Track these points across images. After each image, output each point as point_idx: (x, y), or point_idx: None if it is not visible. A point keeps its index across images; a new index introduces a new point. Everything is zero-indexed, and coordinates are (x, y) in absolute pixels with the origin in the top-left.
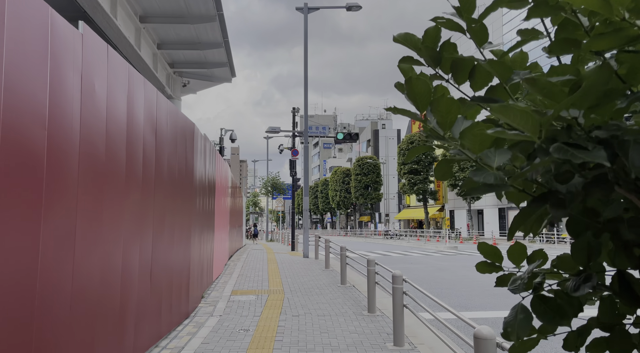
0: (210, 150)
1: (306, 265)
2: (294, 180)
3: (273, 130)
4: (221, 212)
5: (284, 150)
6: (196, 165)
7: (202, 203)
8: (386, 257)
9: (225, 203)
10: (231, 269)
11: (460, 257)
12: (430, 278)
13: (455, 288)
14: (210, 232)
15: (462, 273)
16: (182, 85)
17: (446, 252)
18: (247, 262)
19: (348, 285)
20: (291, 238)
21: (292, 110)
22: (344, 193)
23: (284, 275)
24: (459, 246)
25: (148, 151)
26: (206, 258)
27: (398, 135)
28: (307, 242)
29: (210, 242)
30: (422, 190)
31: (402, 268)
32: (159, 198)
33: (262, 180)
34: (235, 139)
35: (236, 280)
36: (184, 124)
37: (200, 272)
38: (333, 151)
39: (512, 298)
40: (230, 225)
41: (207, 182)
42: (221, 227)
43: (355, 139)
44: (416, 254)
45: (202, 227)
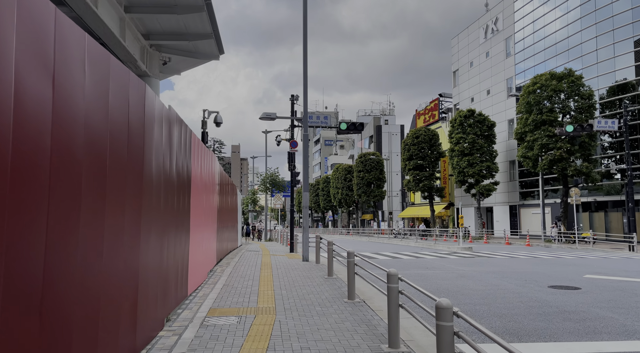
0: (185, 138)
1: (305, 270)
2: (293, 175)
3: (268, 116)
4: (204, 210)
5: (281, 141)
6: (154, 155)
7: (168, 200)
8: (396, 261)
9: (212, 201)
10: (217, 276)
11: (480, 261)
12: (454, 288)
13: (491, 304)
14: (183, 234)
15: (490, 281)
16: (163, 63)
17: (461, 254)
18: (237, 267)
19: (357, 300)
20: (290, 239)
21: (291, 98)
22: (345, 190)
23: (279, 286)
24: (473, 246)
25: None
26: (175, 268)
27: (401, 131)
28: (306, 244)
29: (182, 246)
30: (428, 186)
31: (418, 275)
32: (69, 189)
33: (260, 176)
34: (221, 122)
35: (219, 293)
36: (136, 100)
37: (163, 286)
38: (335, 148)
39: (572, 322)
40: (220, 225)
41: (176, 176)
42: (203, 228)
43: (360, 129)
44: (429, 257)
45: (167, 228)
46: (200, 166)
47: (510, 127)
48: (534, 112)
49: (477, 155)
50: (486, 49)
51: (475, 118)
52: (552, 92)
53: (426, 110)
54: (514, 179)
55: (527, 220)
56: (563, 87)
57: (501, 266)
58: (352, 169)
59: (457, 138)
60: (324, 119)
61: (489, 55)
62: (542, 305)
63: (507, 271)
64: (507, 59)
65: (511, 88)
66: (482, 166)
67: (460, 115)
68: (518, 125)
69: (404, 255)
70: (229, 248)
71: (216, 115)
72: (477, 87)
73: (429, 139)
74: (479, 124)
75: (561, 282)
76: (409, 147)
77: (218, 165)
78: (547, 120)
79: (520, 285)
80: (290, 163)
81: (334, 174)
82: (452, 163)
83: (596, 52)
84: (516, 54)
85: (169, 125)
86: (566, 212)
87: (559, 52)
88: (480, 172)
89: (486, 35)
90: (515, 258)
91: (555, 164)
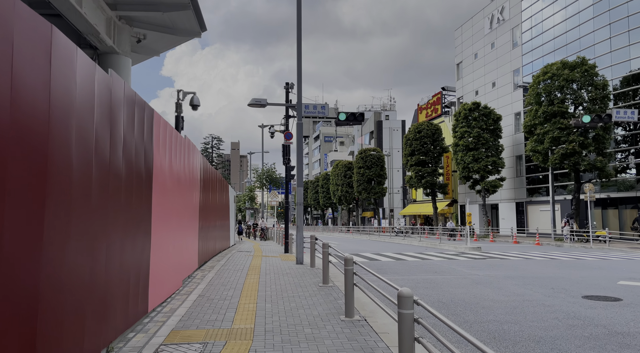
0: (142, 121)
1: (298, 276)
2: (288, 169)
3: (258, 102)
4: (177, 208)
5: (275, 133)
6: (79, 137)
7: (110, 196)
8: (401, 263)
9: (192, 198)
10: (194, 284)
11: (493, 263)
12: (471, 299)
13: (522, 323)
14: (139, 237)
15: (511, 290)
16: (137, 41)
17: (471, 255)
18: (221, 272)
19: (357, 318)
20: (284, 238)
21: (286, 86)
22: (345, 187)
23: (264, 296)
24: (481, 246)
25: None
26: (123, 279)
27: (403, 127)
28: (301, 245)
29: (138, 252)
30: (431, 183)
31: (427, 282)
32: None
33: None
34: (198, 104)
35: (189, 307)
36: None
37: (98, 306)
38: (334, 144)
39: (633, 350)
40: (204, 224)
41: (125, 166)
42: (176, 228)
43: (360, 120)
44: (435, 258)
45: (107, 231)
46: (169, 157)
47: (516, 120)
48: (544, 104)
49: (483, 150)
50: (491, 39)
51: (480, 111)
52: (564, 81)
53: (428, 105)
54: (521, 175)
55: (535, 217)
56: (576, 77)
57: (518, 270)
58: (352, 166)
59: (462, 132)
60: (321, 108)
61: (495, 46)
62: (585, 323)
63: (528, 276)
64: (514, 49)
65: (518, 79)
66: (487, 161)
67: (465, 109)
68: (527, 117)
69: (408, 256)
70: (217, 248)
71: (192, 96)
72: (482, 80)
73: (431, 134)
74: (484, 118)
75: (595, 290)
76: (411, 142)
77: (201, 158)
78: (558, 111)
79: (549, 295)
80: (284, 156)
81: (334, 171)
82: (457, 158)
83: (609, 40)
84: (523, 44)
85: (109, 101)
86: (578, 209)
87: (569, 41)
88: (485, 168)
89: (491, 25)
90: (531, 259)
91: (567, 158)
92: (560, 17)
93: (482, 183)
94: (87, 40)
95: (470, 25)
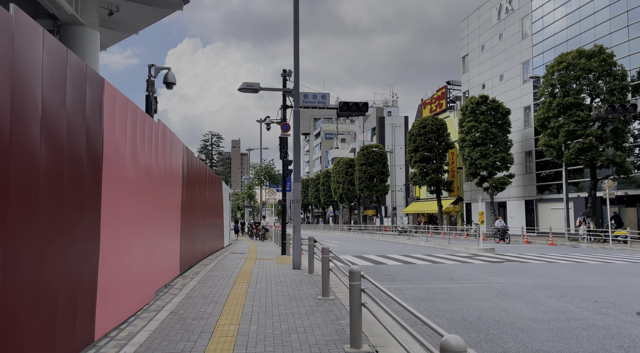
0: (84, 96)
1: (294, 285)
2: (285, 164)
3: (249, 86)
4: (149, 207)
5: (271, 124)
6: None
7: (21, 191)
8: (410, 267)
9: (171, 195)
10: (170, 296)
11: (514, 268)
12: (503, 318)
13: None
14: (77, 243)
15: (548, 304)
16: (108, 13)
17: (485, 257)
18: (206, 279)
19: (367, 351)
20: (281, 239)
21: (283, 73)
22: (347, 185)
23: (249, 315)
24: (494, 247)
25: None
26: (49, 301)
27: (405, 123)
28: (298, 247)
29: (76, 263)
30: (436, 180)
31: (444, 292)
32: None
33: (254, 168)
34: (174, 82)
35: (153, 332)
36: None
37: None
38: (335, 141)
39: None
40: (189, 225)
41: (46, 152)
42: (145, 231)
43: (363, 110)
44: (447, 261)
45: (15, 235)
46: (132, 144)
47: (526, 114)
48: (558, 95)
49: (491, 146)
50: (499, 30)
51: (488, 105)
52: (581, 71)
53: (432, 99)
54: (531, 172)
55: (546, 216)
56: (593, 66)
57: (545, 276)
58: (353, 163)
59: (469, 127)
60: (322, 98)
61: (503, 38)
62: None
63: (560, 285)
64: (524, 40)
65: (528, 72)
66: (495, 157)
67: (472, 102)
68: (540, 110)
69: (417, 258)
70: (206, 250)
71: (167, 72)
72: (489, 73)
73: (436, 129)
74: (492, 112)
75: None
76: (415, 138)
77: (183, 149)
78: (574, 103)
79: (597, 311)
80: (281, 150)
81: (335, 168)
82: (463, 154)
83: (627, 28)
84: (534, 35)
85: (9, 53)
86: (594, 207)
87: (583, 29)
88: (493, 164)
89: (499, 15)
90: (555, 263)
91: (583, 153)
92: (574, 5)
93: (490, 180)
94: (44, 7)
95: (476, 16)
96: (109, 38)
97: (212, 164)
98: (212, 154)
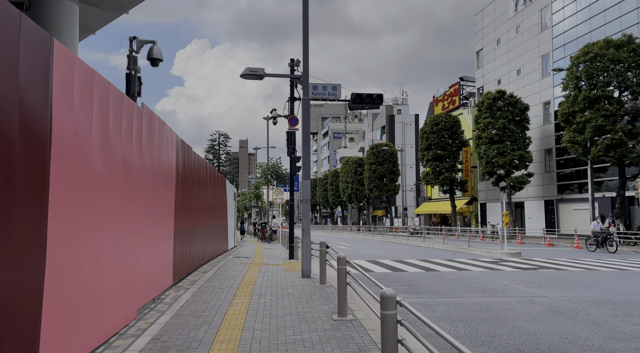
0: (32, 56)
1: (304, 299)
2: (292, 161)
3: (253, 72)
4: (129, 208)
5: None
6: None
7: None
8: (433, 275)
9: (159, 194)
10: (154, 315)
11: (551, 276)
12: (566, 349)
13: None
14: (16, 253)
15: (621, 330)
16: None
17: (513, 263)
18: (202, 291)
19: None
20: (289, 242)
21: (290, 63)
22: (356, 185)
23: (248, 342)
24: (520, 251)
25: None
26: None
27: (416, 121)
28: (308, 253)
29: (10, 279)
30: (449, 179)
31: (480, 308)
32: None
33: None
34: (160, 58)
35: None
36: None
37: None
38: (344, 141)
39: None
40: (184, 227)
41: None
42: (126, 237)
43: (377, 102)
44: (473, 267)
45: None
46: (102, 130)
47: (545, 110)
48: (584, 88)
49: (508, 143)
50: (516, 23)
51: (505, 100)
52: (609, 62)
53: (445, 96)
54: (551, 170)
55: (567, 217)
56: (622, 57)
57: (593, 287)
58: (362, 162)
59: (485, 123)
60: (332, 89)
61: (520, 30)
62: None
63: (616, 299)
64: (543, 32)
65: (547, 65)
66: (513, 155)
67: (489, 98)
68: (564, 104)
69: (438, 264)
70: (207, 254)
71: (152, 46)
72: (505, 67)
73: (450, 126)
74: (509, 107)
75: None
76: (427, 136)
77: (177, 143)
78: (602, 96)
79: None
80: (289, 145)
81: (344, 168)
82: (479, 152)
83: None
84: (554, 26)
85: None
86: (623, 207)
87: (608, 19)
88: (511, 162)
89: (516, 7)
90: (595, 270)
91: (612, 149)
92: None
93: (507, 179)
94: None
95: (492, 9)
96: (97, 19)
97: (220, 163)
98: (220, 153)
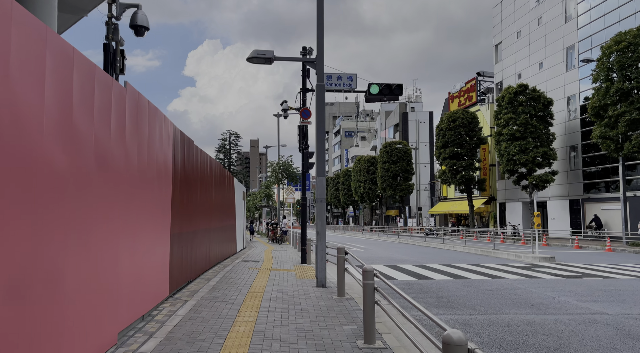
0: None
1: (320, 318)
2: (305, 156)
3: (261, 54)
4: (108, 209)
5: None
6: None
7: None
8: (464, 283)
9: (152, 193)
10: (139, 338)
11: (599, 285)
12: None
13: None
14: None
15: None
16: None
17: (549, 269)
18: (201, 305)
19: None
20: (301, 245)
21: (302, 51)
22: (368, 184)
23: None
24: (554, 255)
25: None
26: None
27: (430, 118)
28: (323, 259)
29: None
30: (467, 178)
31: (538, 331)
32: None
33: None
34: (145, 26)
35: None
36: None
37: None
38: (355, 139)
39: None
40: (183, 230)
41: None
42: (105, 245)
43: (397, 93)
44: (506, 274)
45: None
46: (63, 109)
47: (570, 105)
48: (617, 80)
49: (530, 140)
50: (538, 14)
51: (527, 95)
52: None
53: (461, 92)
54: (576, 168)
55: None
56: None
57: None
58: (375, 161)
59: (506, 119)
60: (347, 79)
61: (542, 22)
62: None
63: None
64: (567, 23)
65: (572, 57)
66: (536, 152)
67: (510, 92)
68: (595, 97)
69: (466, 270)
70: (212, 259)
71: (135, 11)
72: (526, 61)
73: (467, 123)
74: (532, 102)
75: None
76: (444, 133)
77: (176, 136)
78: (636, 88)
79: None
80: (301, 140)
81: (356, 167)
82: (499, 149)
83: None
84: (579, 17)
85: None
86: None
87: (639, 8)
88: (534, 160)
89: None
90: None
91: None
92: None
93: (529, 177)
94: None
95: (512, 0)
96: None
97: (230, 163)
98: (231, 153)
